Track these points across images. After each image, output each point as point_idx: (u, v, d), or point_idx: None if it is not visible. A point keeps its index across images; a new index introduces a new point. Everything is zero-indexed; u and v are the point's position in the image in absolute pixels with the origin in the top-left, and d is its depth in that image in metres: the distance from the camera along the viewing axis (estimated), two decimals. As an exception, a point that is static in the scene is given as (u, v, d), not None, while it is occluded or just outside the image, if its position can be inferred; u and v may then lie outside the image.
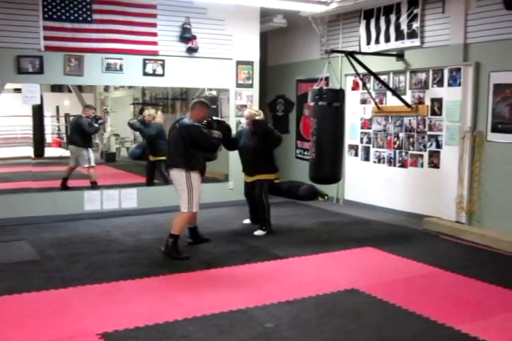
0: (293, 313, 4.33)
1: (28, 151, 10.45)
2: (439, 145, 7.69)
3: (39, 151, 10.45)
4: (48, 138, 11.43)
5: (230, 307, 4.45)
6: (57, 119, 11.74)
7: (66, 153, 9.80)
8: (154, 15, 8.26)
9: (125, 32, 8.04)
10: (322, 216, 8.35)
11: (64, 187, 8.68)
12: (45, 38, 7.64)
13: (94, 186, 8.75)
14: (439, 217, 7.63)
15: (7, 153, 11.77)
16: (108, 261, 5.74)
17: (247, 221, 7.60)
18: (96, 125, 9.02)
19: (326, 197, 9.57)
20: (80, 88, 9.62)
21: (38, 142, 10.42)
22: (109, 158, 10.79)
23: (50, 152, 10.86)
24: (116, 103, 10.33)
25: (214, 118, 6.48)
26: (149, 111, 9.19)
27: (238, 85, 9.09)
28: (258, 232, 7.04)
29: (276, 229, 7.25)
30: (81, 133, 8.89)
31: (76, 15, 7.77)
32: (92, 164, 8.91)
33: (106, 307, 4.48)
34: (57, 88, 10.59)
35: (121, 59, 8.07)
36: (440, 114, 7.64)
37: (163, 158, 7.45)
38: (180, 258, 5.83)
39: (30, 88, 7.59)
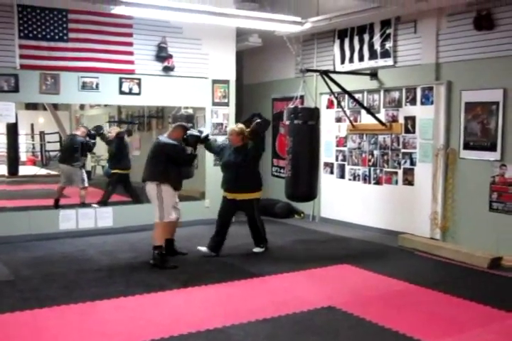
0: (270, 331, 4.33)
1: (2, 170, 10.33)
2: (413, 163, 7.78)
3: (13, 169, 10.35)
4: (23, 156, 11.31)
5: (207, 325, 4.44)
6: (32, 137, 11.64)
7: (41, 171, 9.67)
8: (130, 35, 8.30)
9: (101, 51, 8.07)
10: (298, 234, 8.35)
11: (57, 206, 8.59)
12: (21, 56, 7.63)
13: (85, 205, 8.70)
14: (414, 233, 7.68)
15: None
16: (84, 281, 5.69)
17: (204, 249, 6.87)
18: (93, 141, 9.04)
19: (302, 215, 9.59)
20: (55, 106, 9.57)
21: (13, 160, 10.33)
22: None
23: (24, 170, 10.73)
24: (91, 121, 10.22)
25: (188, 132, 6.70)
26: (110, 129, 9.35)
27: (214, 104, 9.14)
28: (257, 249, 7.07)
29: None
30: (75, 152, 8.86)
31: (52, 33, 7.77)
32: (86, 184, 8.90)
33: (83, 327, 4.42)
34: (31, 106, 10.45)
35: (97, 77, 8.08)
36: (414, 132, 7.75)
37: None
38: (168, 267, 6.08)
39: (5, 106, 7.56)
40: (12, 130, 10.06)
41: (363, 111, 8.37)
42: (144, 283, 5.60)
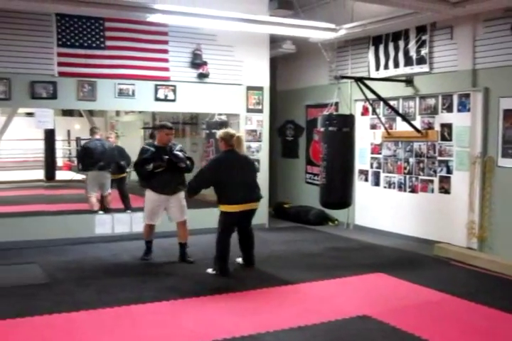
0: (303, 339, 4.28)
1: (40, 174, 10.48)
2: (449, 171, 7.67)
3: (50, 174, 10.50)
4: (59, 161, 11.46)
5: (241, 332, 4.41)
6: (68, 143, 11.81)
7: (77, 176, 9.75)
8: (166, 42, 8.39)
9: (137, 58, 8.16)
10: (332, 241, 8.28)
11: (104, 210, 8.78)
12: (59, 64, 7.77)
13: (108, 210, 8.82)
14: (450, 242, 7.55)
15: (19, 176, 11.86)
16: (118, 285, 5.71)
17: (240, 260, 6.65)
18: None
19: (335, 222, 9.50)
20: (91, 112, 9.67)
21: (50, 165, 10.48)
22: None
23: (60, 175, 10.88)
24: (126, 127, 10.38)
25: (176, 147, 6.67)
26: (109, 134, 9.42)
27: (248, 110, 9.15)
28: (210, 270, 6.37)
29: (286, 254, 7.20)
30: (117, 160, 9.01)
31: (89, 41, 7.89)
32: (110, 191, 9.05)
33: (117, 331, 4.45)
34: (68, 112, 10.65)
35: (133, 84, 8.19)
36: (450, 140, 7.63)
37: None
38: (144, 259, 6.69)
39: (43, 113, 7.68)
40: (49, 136, 10.22)
41: (398, 118, 8.29)
42: (177, 289, 5.59)
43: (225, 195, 6.01)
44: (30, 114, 8.28)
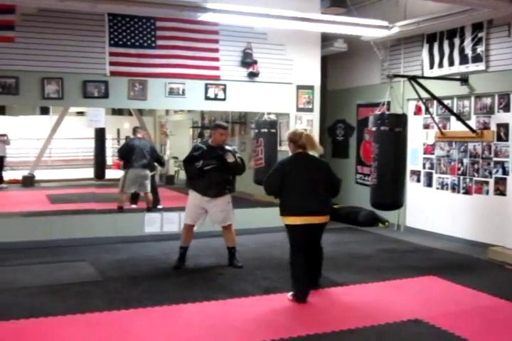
0: (355, 343, 4.18)
1: (89, 173, 10.58)
2: (505, 172, 7.46)
3: (100, 173, 10.60)
4: (109, 160, 11.57)
5: (290, 333, 4.36)
6: (118, 142, 11.90)
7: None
8: (216, 41, 8.36)
9: (188, 57, 8.14)
10: (382, 243, 8.14)
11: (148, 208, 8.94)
12: (111, 63, 7.82)
13: (150, 209, 8.89)
14: (505, 246, 7.33)
15: (69, 175, 12.05)
16: (168, 284, 5.72)
17: (289, 295, 5.40)
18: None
19: (386, 224, 9.36)
20: (140, 111, 9.69)
21: (100, 164, 10.58)
22: (168, 180, 10.82)
23: (110, 174, 10.97)
24: (175, 126, 10.34)
25: (227, 147, 6.46)
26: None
27: (298, 109, 9.02)
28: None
29: (336, 255, 7.12)
30: (153, 157, 9.07)
31: (141, 41, 7.93)
32: (149, 189, 9.11)
33: (166, 329, 4.46)
34: (117, 111, 10.59)
35: (183, 83, 8.16)
36: (507, 140, 7.43)
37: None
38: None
39: (95, 112, 7.78)
40: (100, 134, 10.32)
41: (453, 118, 8.09)
42: (227, 289, 5.56)
43: (284, 204, 5.27)
44: (81, 113, 8.33)
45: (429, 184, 8.73)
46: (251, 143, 9.38)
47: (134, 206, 9.17)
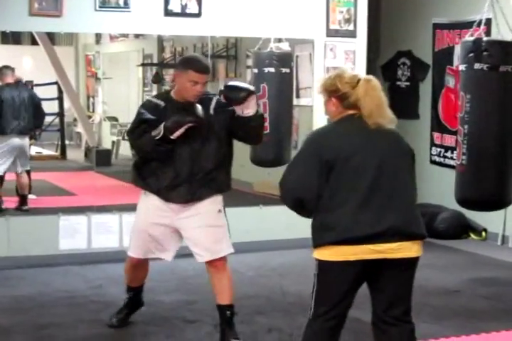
0: None
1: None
2: None
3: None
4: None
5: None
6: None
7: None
8: None
9: None
10: (477, 268, 6.50)
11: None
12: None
13: (23, 206, 6.91)
14: None
15: None
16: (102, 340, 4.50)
17: None
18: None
19: (483, 234, 7.35)
20: (51, 38, 7.89)
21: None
22: (100, 159, 8.98)
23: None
24: (113, 64, 8.56)
25: (230, 83, 4.05)
26: None
27: (330, 33, 6.58)
28: None
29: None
30: (35, 113, 7.19)
31: None
32: (28, 167, 7.33)
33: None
34: (13, 38, 8.78)
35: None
36: None
37: None
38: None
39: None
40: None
41: None
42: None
43: (325, 223, 3.07)
44: None
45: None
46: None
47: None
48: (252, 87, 3.88)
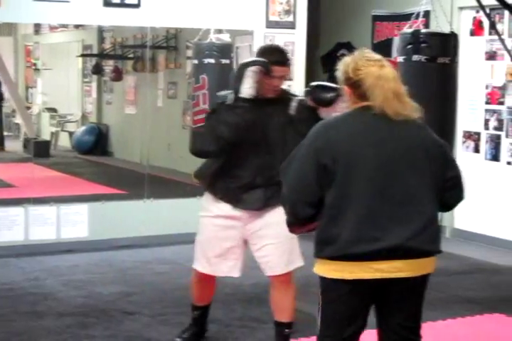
0: None
1: None
2: None
3: None
4: None
5: None
6: None
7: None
8: None
9: None
10: None
11: None
12: None
13: None
14: None
15: None
16: (38, 332, 4.30)
17: None
18: None
19: None
20: None
21: None
22: (38, 150, 8.90)
23: None
24: (52, 54, 8.76)
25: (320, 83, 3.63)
26: None
27: (269, 24, 6.63)
28: None
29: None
30: None
31: None
32: None
33: None
34: None
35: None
36: None
37: None
38: None
39: None
40: None
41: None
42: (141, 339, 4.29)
43: (327, 229, 2.70)
44: None
45: (495, 156, 6.81)
46: (188, 85, 7.70)
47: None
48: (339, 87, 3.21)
